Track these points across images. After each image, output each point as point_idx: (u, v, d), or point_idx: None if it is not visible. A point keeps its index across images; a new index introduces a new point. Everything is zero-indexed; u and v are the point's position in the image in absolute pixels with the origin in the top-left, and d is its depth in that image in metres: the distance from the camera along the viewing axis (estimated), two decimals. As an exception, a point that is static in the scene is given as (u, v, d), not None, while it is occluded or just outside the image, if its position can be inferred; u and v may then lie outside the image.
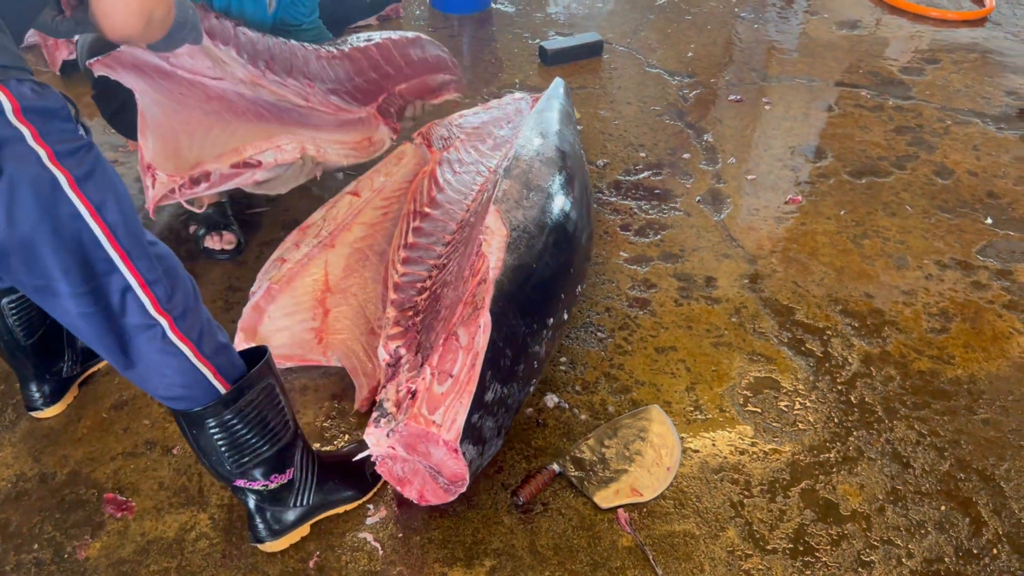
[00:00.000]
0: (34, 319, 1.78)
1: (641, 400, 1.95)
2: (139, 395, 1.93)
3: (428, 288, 1.94)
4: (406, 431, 1.56)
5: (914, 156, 2.80)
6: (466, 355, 1.61)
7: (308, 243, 2.10)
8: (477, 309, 1.66)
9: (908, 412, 1.94)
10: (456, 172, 2.30)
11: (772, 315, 2.19)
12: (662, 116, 2.97)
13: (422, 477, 1.65)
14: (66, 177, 1.16)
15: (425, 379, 1.60)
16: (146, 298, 1.29)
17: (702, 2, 3.76)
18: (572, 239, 1.99)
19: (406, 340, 1.80)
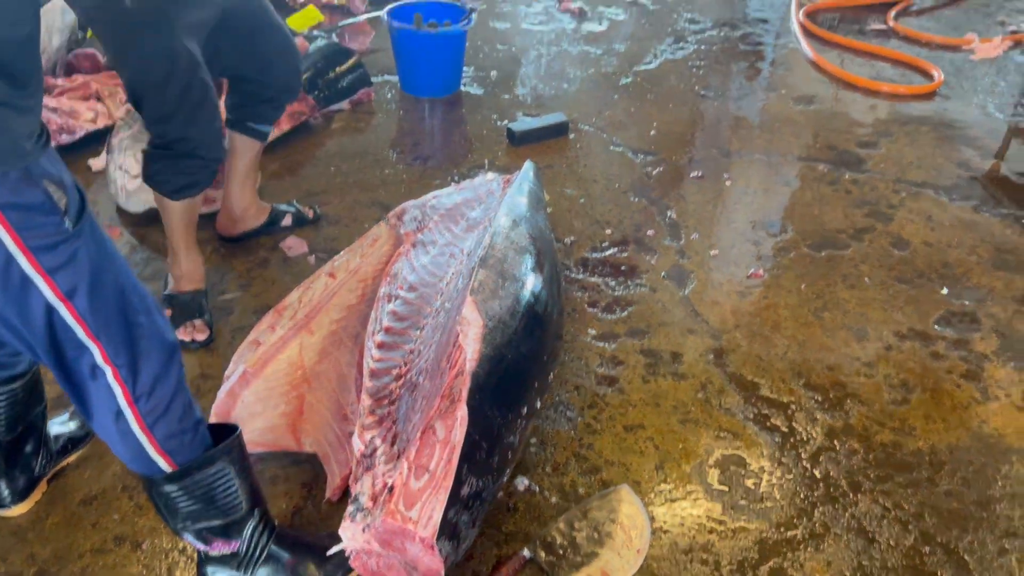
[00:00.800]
0: (17, 416, 1.78)
1: (611, 480, 1.98)
2: (108, 489, 1.93)
3: (403, 375, 1.97)
4: (382, 527, 1.57)
5: (871, 228, 2.89)
6: (443, 449, 1.63)
7: (283, 325, 2.13)
8: (454, 402, 1.68)
9: (872, 486, 1.98)
10: (430, 254, 2.35)
11: (737, 390, 2.23)
12: (627, 193, 3.06)
13: (397, 572, 1.65)
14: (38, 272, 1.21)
15: (402, 474, 1.61)
16: (115, 383, 1.34)
17: (663, 81, 3.90)
18: (545, 326, 2.03)
19: (381, 430, 1.81)
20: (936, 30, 4.48)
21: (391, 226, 2.45)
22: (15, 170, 1.16)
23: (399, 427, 1.81)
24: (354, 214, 2.90)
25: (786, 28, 4.52)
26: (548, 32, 4.38)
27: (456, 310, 1.95)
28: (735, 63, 4.11)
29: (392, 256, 2.35)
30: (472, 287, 1.91)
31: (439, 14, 3.64)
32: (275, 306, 2.19)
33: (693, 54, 4.19)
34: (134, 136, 2.87)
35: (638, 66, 4.03)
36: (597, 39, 4.31)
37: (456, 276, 2.23)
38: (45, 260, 1.21)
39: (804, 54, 4.19)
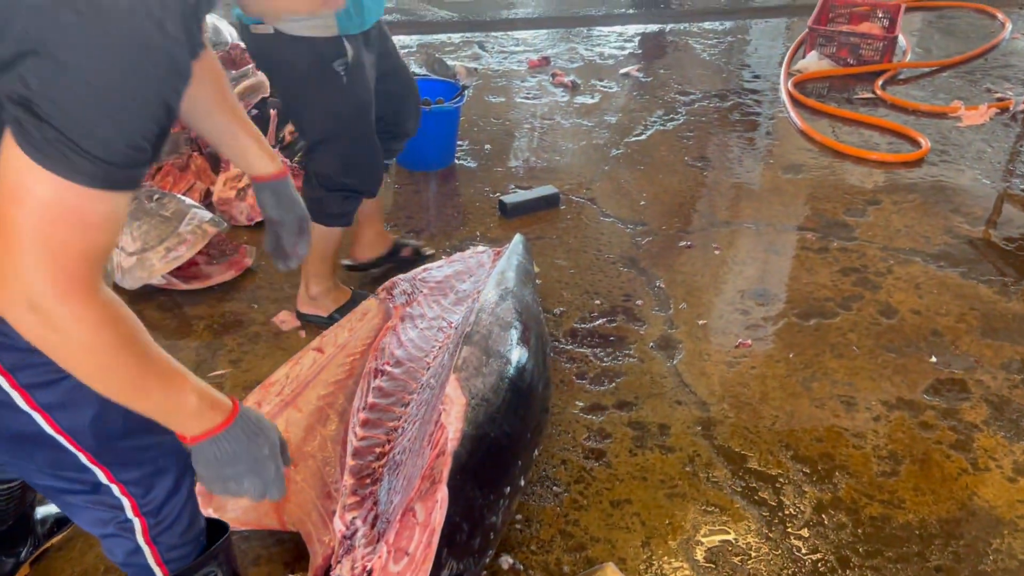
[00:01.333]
0: (11, 510, 1.77)
1: (596, 558, 1.96)
2: (90, 569, 1.92)
3: (386, 454, 1.97)
4: None
5: (859, 296, 2.91)
6: (422, 532, 1.62)
7: (270, 402, 2.14)
8: (435, 483, 1.67)
9: (861, 561, 1.95)
10: (418, 328, 2.37)
11: (725, 463, 2.22)
12: (616, 263, 3.09)
13: None
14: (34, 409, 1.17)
15: (381, 557, 1.61)
16: (123, 497, 1.32)
17: (654, 151, 3.97)
18: (530, 402, 2.04)
19: (362, 511, 1.81)
20: (923, 98, 4.56)
21: (381, 300, 2.47)
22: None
23: (380, 508, 1.80)
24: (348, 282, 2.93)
25: (776, 98, 4.61)
26: (541, 106, 4.48)
27: (440, 388, 1.96)
28: (725, 134, 4.18)
29: (381, 330, 2.37)
30: (456, 364, 1.92)
31: (433, 92, 3.73)
32: (263, 382, 2.20)
33: (683, 125, 4.27)
34: (131, 214, 2.93)
35: (629, 137, 4.11)
36: (589, 111, 4.40)
37: (443, 350, 2.25)
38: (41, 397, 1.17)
39: (793, 123, 4.27)
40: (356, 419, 2.04)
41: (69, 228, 0.96)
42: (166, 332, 2.73)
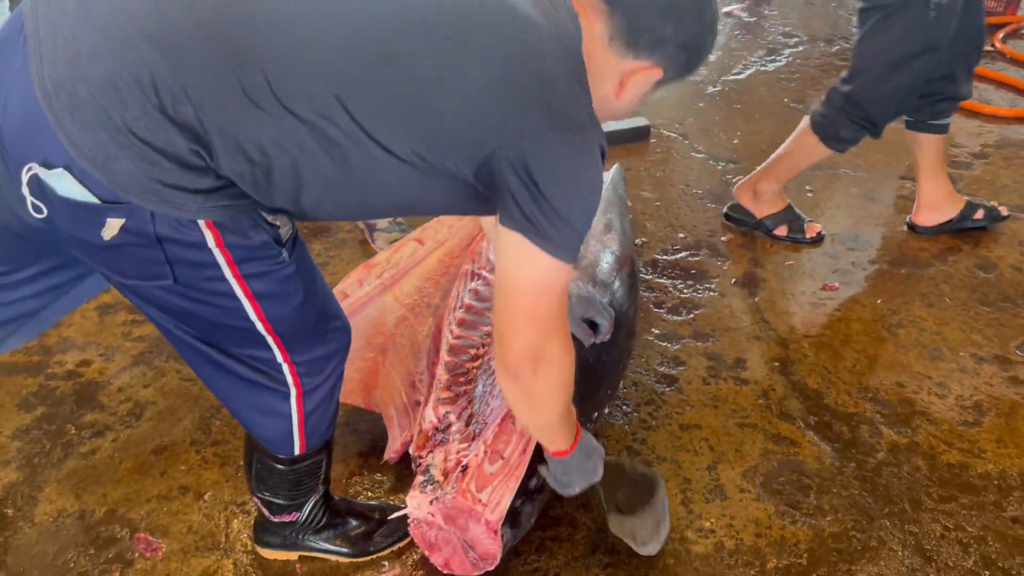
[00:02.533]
0: None
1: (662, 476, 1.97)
2: (179, 442, 2.03)
3: (481, 356, 2.01)
4: (451, 503, 1.60)
5: (956, 249, 2.80)
6: (519, 440, 1.66)
7: (370, 282, 2.17)
8: None
9: (934, 504, 1.91)
10: None
11: (800, 399, 2.19)
12: (703, 199, 3.04)
13: (453, 547, 1.68)
14: (247, 295, 1.27)
15: (478, 455, 1.65)
16: (291, 380, 1.42)
17: (752, 92, 3.86)
18: (622, 330, 2.05)
19: (456, 407, 1.85)
20: (1046, 54, 4.30)
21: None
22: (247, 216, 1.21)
23: (475, 407, 1.84)
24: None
25: (885, 46, 4.40)
26: (639, 40, 4.39)
27: None
28: (828, 78, 4.03)
29: (478, 235, 2.38)
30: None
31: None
32: (365, 263, 2.24)
33: (785, 67, 4.13)
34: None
35: (727, 76, 4.00)
36: (687, 48, 4.29)
37: None
38: (256, 285, 1.27)
39: (901, 72, 4.07)
40: (452, 317, 2.06)
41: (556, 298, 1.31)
42: (258, 232, 2.82)
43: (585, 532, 1.83)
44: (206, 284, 1.24)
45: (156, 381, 2.21)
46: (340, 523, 1.75)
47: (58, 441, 2.03)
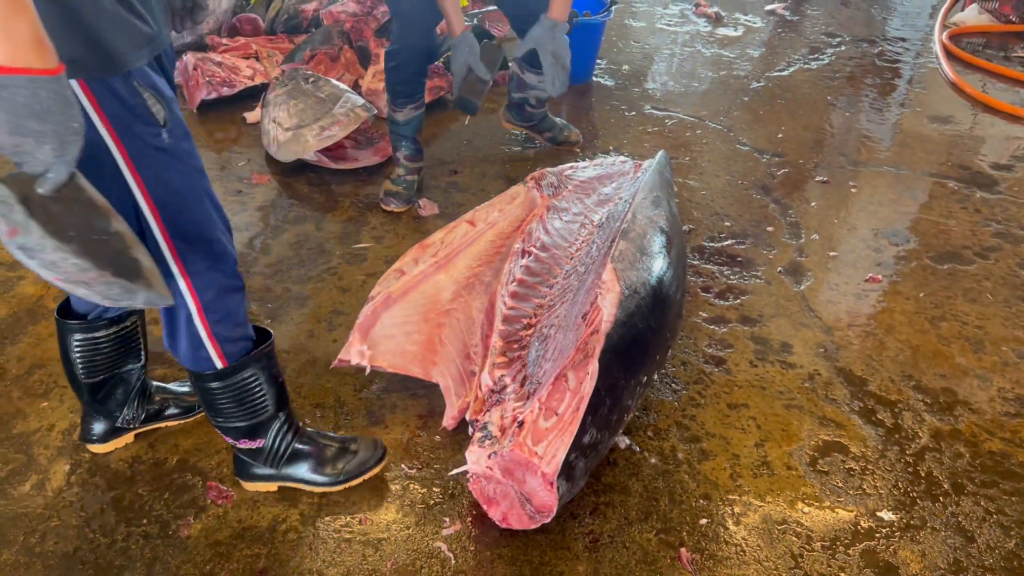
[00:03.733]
0: (97, 364, 1.84)
1: (710, 450, 2.03)
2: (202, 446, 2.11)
3: (533, 325, 2.08)
4: (509, 456, 1.68)
5: (998, 247, 2.84)
6: (572, 397, 1.73)
7: (425, 261, 2.26)
8: (588, 356, 1.77)
9: (976, 489, 1.97)
10: (563, 220, 2.45)
11: (845, 384, 2.25)
12: (749, 190, 3.09)
13: (510, 501, 1.76)
14: (133, 176, 1.34)
15: (533, 411, 1.73)
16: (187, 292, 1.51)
17: (795, 88, 3.90)
18: (670, 303, 2.11)
19: (511, 370, 1.93)
20: (1089, 62, 4.31)
21: (528, 188, 2.55)
22: (118, 75, 1.26)
23: (528, 370, 1.92)
24: (482, 184, 3.04)
25: (926, 48, 4.44)
26: (682, 33, 4.44)
27: (593, 274, 2.05)
28: (870, 78, 4.07)
29: (527, 216, 2.46)
30: (613, 255, 2.00)
31: (580, 5, 3.75)
32: (420, 243, 2.32)
33: (828, 66, 4.17)
34: (288, 93, 3.09)
35: (771, 72, 4.05)
36: (731, 43, 4.34)
37: (585, 244, 2.34)
38: (141, 167, 1.34)
39: (944, 75, 4.11)
40: (505, 290, 2.15)
41: None
42: (315, 205, 2.90)
43: (637, 499, 1.90)
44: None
45: (221, 341, 2.29)
46: (311, 452, 1.86)
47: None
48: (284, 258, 2.62)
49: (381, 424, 2.06)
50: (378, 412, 2.10)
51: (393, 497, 1.89)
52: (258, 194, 2.94)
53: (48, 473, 1.92)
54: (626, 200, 2.43)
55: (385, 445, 1.94)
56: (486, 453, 1.72)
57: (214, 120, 3.42)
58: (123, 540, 1.78)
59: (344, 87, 3.15)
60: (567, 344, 1.86)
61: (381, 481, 1.92)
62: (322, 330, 2.35)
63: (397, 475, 1.94)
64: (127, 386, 1.92)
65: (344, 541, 1.79)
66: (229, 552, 1.76)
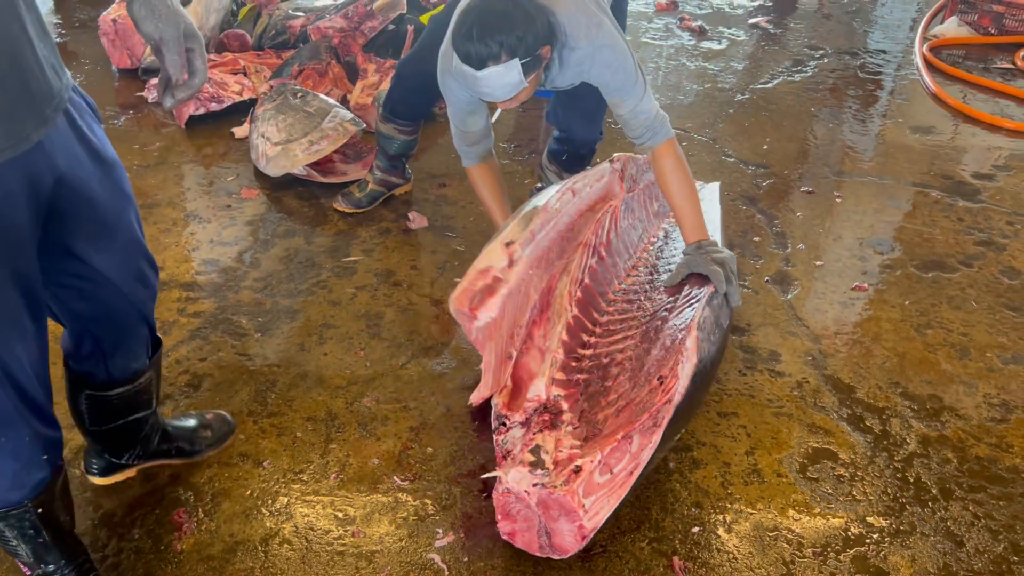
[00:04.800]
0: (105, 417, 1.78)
1: (701, 459, 2.05)
2: (236, 412, 2.11)
3: (592, 346, 2.09)
4: (557, 498, 1.68)
5: (981, 255, 2.88)
6: (631, 461, 1.74)
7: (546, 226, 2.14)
8: (656, 426, 1.77)
9: (964, 494, 1.99)
10: (629, 221, 2.47)
11: (833, 391, 2.27)
12: (735, 201, 3.12)
13: (529, 524, 1.76)
14: None
15: (592, 462, 1.73)
16: None
17: (780, 100, 3.95)
18: (714, 376, 2.19)
19: (568, 394, 1.93)
20: (1067, 73, 4.38)
21: (614, 169, 2.49)
22: None
23: (585, 403, 1.92)
24: (471, 197, 3.05)
25: (907, 60, 4.50)
26: (667, 47, 4.48)
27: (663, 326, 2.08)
28: (853, 89, 4.12)
29: (604, 204, 2.42)
30: (698, 323, 1.97)
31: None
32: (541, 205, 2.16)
33: (811, 78, 4.22)
34: (277, 108, 3.10)
35: (755, 84, 4.09)
36: (715, 56, 4.39)
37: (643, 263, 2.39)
38: None
39: (925, 86, 4.17)
40: (573, 290, 2.14)
41: None
42: (304, 219, 2.91)
43: (629, 508, 1.91)
44: None
45: (212, 355, 2.29)
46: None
47: (120, 408, 2.11)
48: (274, 272, 2.63)
49: (373, 436, 2.07)
50: (369, 425, 2.10)
51: (386, 509, 1.89)
52: (247, 208, 2.95)
53: (38, 489, 1.91)
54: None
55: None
56: (533, 480, 1.71)
57: (202, 135, 3.43)
58: (114, 555, 1.77)
59: (332, 102, 3.16)
60: (637, 400, 1.87)
61: (374, 493, 1.92)
62: (313, 343, 2.35)
63: (389, 487, 1.94)
64: (135, 432, 1.85)
65: (337, 554, 1.79)
66: (222, 567, 1.75)
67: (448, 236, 2.86)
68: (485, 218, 2.83)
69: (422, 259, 2.74)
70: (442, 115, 3.62)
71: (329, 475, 1.96)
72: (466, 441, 2.07)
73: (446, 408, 2.16)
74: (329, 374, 2.25)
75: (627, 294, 2.28)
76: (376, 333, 2.40)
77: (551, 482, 1.70)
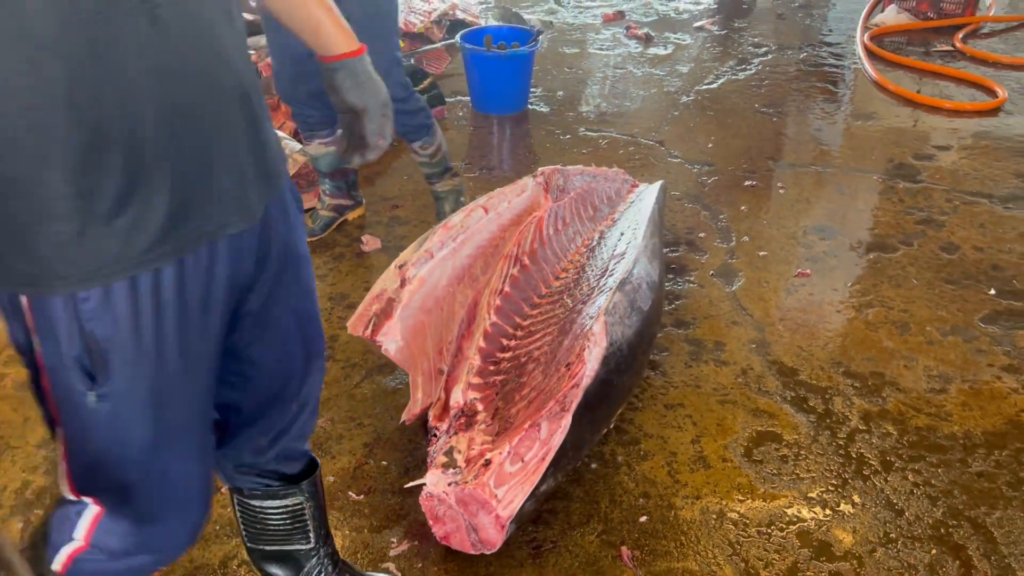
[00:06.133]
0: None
1: (648, 451, 2.10)
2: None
3: (511, 349, 2.12)
4: (469, 492, 1.73)
5: (922, 233, 2.95)
6: (541, 447, 1.78)
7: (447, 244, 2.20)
8: (563, 410, 1.81)
9: (904, 464, 2.05)
10: (558, 230, 2.51)
11: (777, 376, 2.33)
12: (681, 200, 3.19)
13: (457, 525, 1.80)
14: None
15: (501, 454, 1.78)
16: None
17: (724, 99, 4.04)
18: (643, 363, 2.23)
19: (484, 396, 1.98)
20: (1004, 51, 4.49)
21: (537, 183, 2.55)
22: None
23: (500, 401, 1.97)
24: (423, 216, 3.12)
25: (850, 51, 4.61)
26: (614, 56, 4.57)
27: (581, 318, 2.10)
28: (797, 83, 4.21)
29: (529, 216, 2.47)
30: (607, 307, 2.02)
31: (509, 38, 3.87)
32: (443, 223, 2.27)
33: (755, 75, 4.31)
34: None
35: (700, 86, 4.18)
36: (661, 62, 4.48)
37: (573, 267, 2.41)
38: (64, 411, 1.10)
39: (867, 74, 4.26)
40: (491, 301, 2.19)
41: None
42: (258, 250, 2.96)
43: (579, 503, 1.96)
44: None
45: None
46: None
47: (80, 447, 2.15)
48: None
49: (329, 455, 2.11)
50: (324, 444, 2.15)
51: (341, 524, 1.93)
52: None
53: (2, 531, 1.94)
54: (625, 236, 2.45)
55: None
56: (447, 480, 1.77)
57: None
58: (76, 590, 1.81)
59: (282, 135, 3.23)
60: (545, 389, 1.91)
61: (329, 510, 1.96)
62: (268, 370, 2.40)
63: (345, 503, 1.99)
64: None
65: (294, 570, 1.83)
66: (182, 592, 1.79)
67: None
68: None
69: (375, 281, 2.79)
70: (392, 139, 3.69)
71: (285, 495, 2.01)
72: (420, 453, 2.11)
73: (400, 423, 2.21)
74: (284, 398, 2.30)
75: (552, 296, 2.32)
76: (330, 355, 2.45)
77: (463, 478, 1.76)
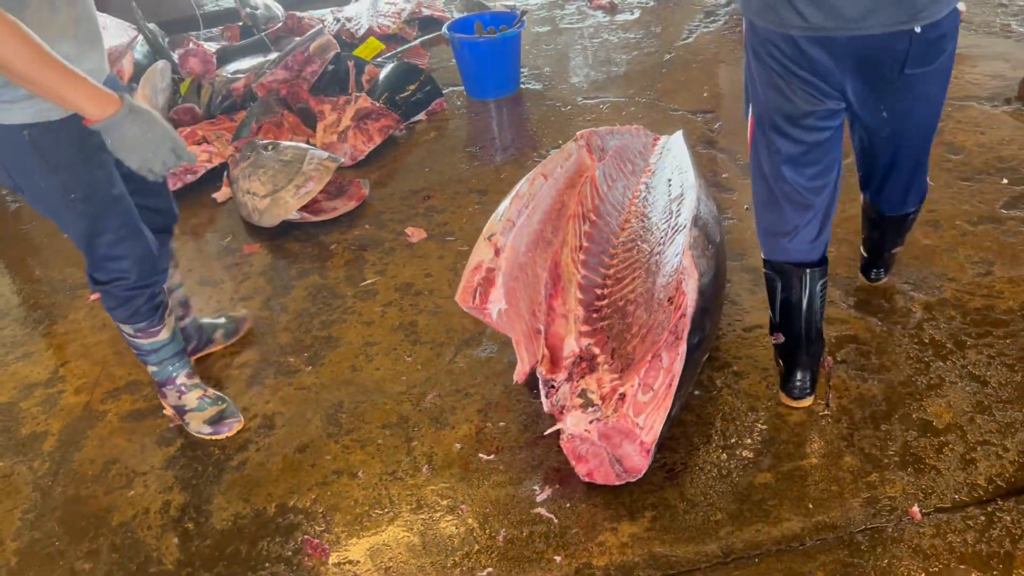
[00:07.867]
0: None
1: (742, 371, 2.26)
2: (316, 438, 2.25)
3: (607, 296, 2.26)
4: (612, 425, 1.87)
5: (926, 142, 3.15)
6: (666, 375, 1.92)
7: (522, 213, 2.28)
8: (678, 339, 1.94)
9: (975, 341, 2.24)
10: (610, 186, 2.63)
11: (835, 286, 2.51)
12: (695, 147, 3.35)
13: (600, 460, 1.95)
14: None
15: (633, 386, 1.91)
16: None
17: (703, 50, 4.21)
18: (723, 286, 2.37)
19: (597, 340, 2.10)
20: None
21: (579, 147, 2.67)
22: None
23: (614, 343, 2.10)
24: (457, 202, 3.24)
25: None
26: (587, 28, 4.72)
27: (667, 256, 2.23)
28: (766, 26, 4.40)
29: (580, 176, 2.59)
30: (690, 243, 2.15)
31: (492, 22, 3.99)
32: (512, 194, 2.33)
33: (725, 25, 4.50)
34: (252, 164, 3.24)
35: (677, 42, 4.35)
36: (633, 26, 4.64)
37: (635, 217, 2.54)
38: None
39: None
40: (576, 257, 2.32)
41: None
42: (311, 258, 3.05)
43: (694, 427, 2.11)
44: None
45: (273, 396, 2.43)
46: None
47: (207, 462, 2.24)
48: (303, 310, 2.77)
49: (448, 426, 2.23)
50: (440, 417, 2.26)
51: (481, 480, 2.05)
52: (255, 262, 3.08)
53: (160, 550, 2.02)
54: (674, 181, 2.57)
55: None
56: (588, 418, 1.90)
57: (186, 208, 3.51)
58: (256, 586, 1.90)
59: (304, 145, 3.31)
60: (655, 324, 2.05)
61: (466, 472, 2.08)
62: (362, 363, 2.50)
63: (479, 465, 2.10)
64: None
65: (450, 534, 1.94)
66: (365, 565, 1.90)
67: (448, 240, 3.03)
68: (478, 217, 3.03)
69: (432, 266, 2.90)
70: (402, 136, 3.80)
71: (421, 468, 2.12)
72: (531, 409, 2.24)
73: (504, 386, 2.34)
74: (387, 385, 2.41)
75: (626, 244, 2.47)
76: (416, 339, 2.56)
77: (604, 414, 1.90)
